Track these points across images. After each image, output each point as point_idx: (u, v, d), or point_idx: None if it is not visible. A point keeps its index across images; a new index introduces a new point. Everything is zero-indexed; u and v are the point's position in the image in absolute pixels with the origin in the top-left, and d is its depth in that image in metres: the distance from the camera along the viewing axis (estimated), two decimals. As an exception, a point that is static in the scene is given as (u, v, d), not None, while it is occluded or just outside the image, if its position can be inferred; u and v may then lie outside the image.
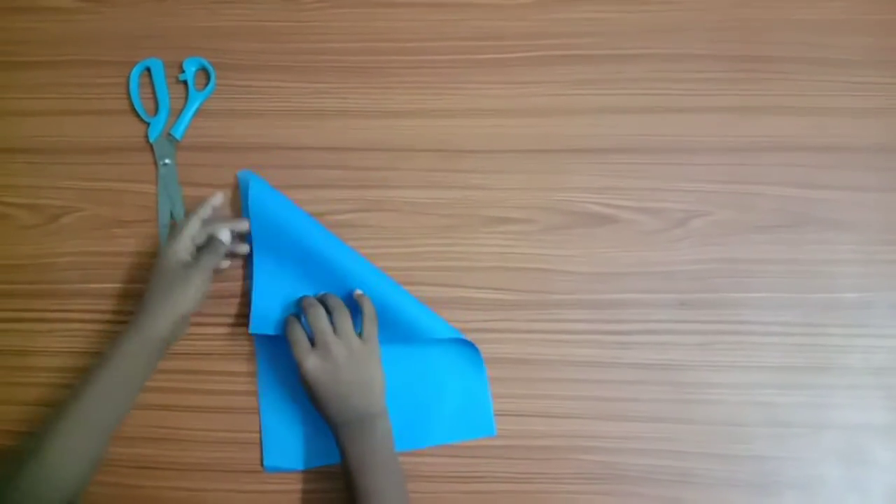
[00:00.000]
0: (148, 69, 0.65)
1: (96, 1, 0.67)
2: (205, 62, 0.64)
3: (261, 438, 0.57)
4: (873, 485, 0.55)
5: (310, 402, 0.54)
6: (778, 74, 0.63)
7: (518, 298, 0.59)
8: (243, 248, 0.58)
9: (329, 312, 0.55)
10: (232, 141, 0.63)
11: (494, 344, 0.58)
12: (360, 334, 0.54)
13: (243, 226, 0.58)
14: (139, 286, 0.57)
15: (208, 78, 0.64)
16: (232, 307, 0.59)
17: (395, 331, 0.57)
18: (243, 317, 0.59)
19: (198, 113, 0.64)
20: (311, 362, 0.52)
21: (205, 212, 0.58)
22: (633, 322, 0.58)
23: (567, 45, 0.64)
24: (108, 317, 0.59)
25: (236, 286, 0.60)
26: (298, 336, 0.54)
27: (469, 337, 0.58)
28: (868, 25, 0.65)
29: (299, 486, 0.56)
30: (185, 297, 0.53)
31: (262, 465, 0.56)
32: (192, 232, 0.56)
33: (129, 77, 0.64)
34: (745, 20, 0.65)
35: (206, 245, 0.57)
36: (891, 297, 0.59)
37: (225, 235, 0.57)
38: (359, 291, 0.56)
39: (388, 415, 0.54)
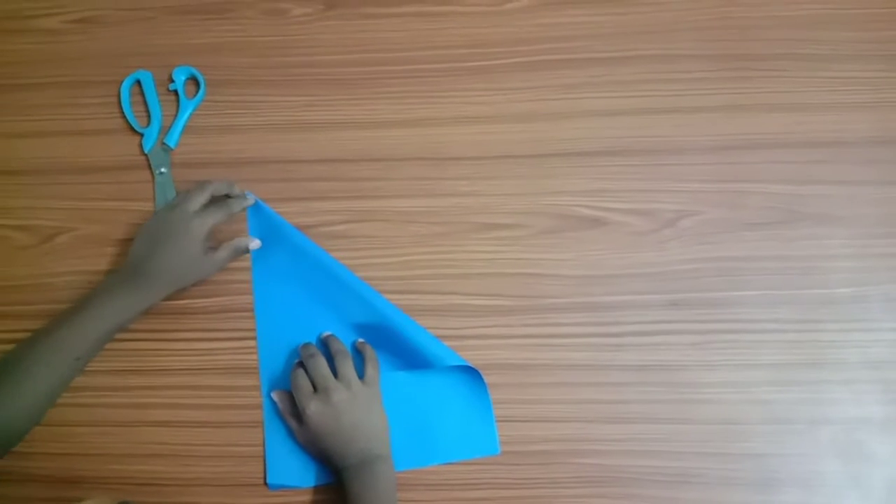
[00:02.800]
0: (138, 82, 0.65)
1: (85, 21, 0.67)
2: (194, 70, 0.65)
3: (264, 454, 0.57)
4: (872, 479, 0.55)
5: (313, 455, 0.55)
6: (766, 72, 0.64)
7: (511, 304, 0.59)
8: (254, 243, 0.59)
9: (331, 357, 0.56)
10: (223, 156, 0.63)
11: (489, 350, 0.58)
12: (362, 379, 0.56)
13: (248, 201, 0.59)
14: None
15: (198, 87, 0.65)
16: (233, 322, 0.60)
17: (401, 358, 0.58)
18: (244, 331, 0.59)
19: (187, 130, 0.64)
20: (314, 407, 0.54)
21: (218, 188, 0.59)
22: (627, 324, 0.58)
23: (554, 49, 0.65)
24: (105, 335, 0.60)
25: (238, 301, 0.60)
26: (301, 382, 0.55)
27: (464, 343, 0.58)
28: (854, 20, 0.65)
29: (301, 499, 0.56)
30: (179, 243, 0.55)
31: (263, 479, 0.56)
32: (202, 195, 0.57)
33: (119, 90, 0.65)
34: (732, 19, 0.65)
35: (216, 203, 0.58)
36: (885, 291, 0.59)
37: (235, 195, 0.59)
38: (361, 341, 0.58)
39: (391, 458, 0.54)
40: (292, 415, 0.56)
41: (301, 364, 0.57)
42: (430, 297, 0.60)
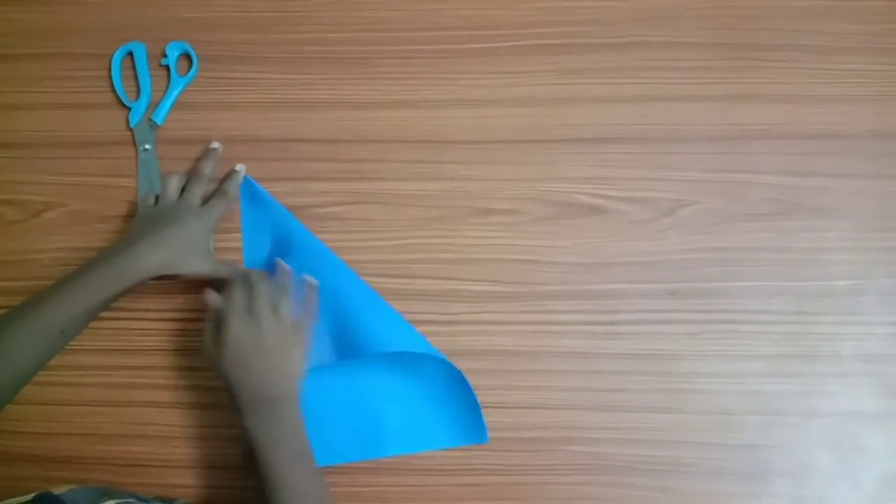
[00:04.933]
0: (130, 54, 0.64)
1: (78, -8, 0.66)
2: (187, 47, 0.63)
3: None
4: (864, 472, 0.55)
5: (218, 370, 0.53)
6: (768, 62, 0.63)
7: (507, 290, 0.59)
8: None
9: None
10: (215, 133, 0.62)
11: (484, 336, 0.58)
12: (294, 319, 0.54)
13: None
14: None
15: (191, 64, 0.63)
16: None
17: (378, 343, 0.56)
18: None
19: (181, 105, 0.63)
20: (238, 322, 0.52)
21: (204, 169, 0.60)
22: (623, 312, 0.58)
23: (555, 34, 0.64)
24: (93, 313, 0.59)
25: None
26: (237, 295, 0.53)
27: (458, 329, 0.58)
28: (859, 12, 0.64)
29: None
30: (183, 232, 0.55)
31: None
32: (178, 177, 0.59)
33: (111, 61, 0.63)
34: (735, 8, 0.64)
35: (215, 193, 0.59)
36: (882, 285, 0.59)
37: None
38: (309, 279, 0.56)
39: (300, 405, 0.52)
40: (214, 324, 0.53)
41: (245, 280, 0.55)
42: (425, 282, 0.59)
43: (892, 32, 0.63)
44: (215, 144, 0.61)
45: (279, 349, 0.52)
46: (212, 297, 0.54)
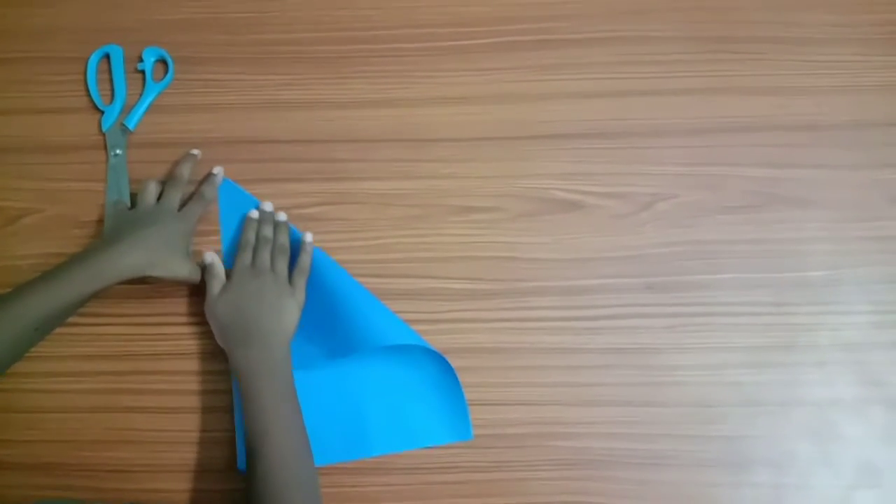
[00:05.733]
0: (107, 56, 0.63)
1: (50, -5, 0.65)
2: (164, 52, 0.63)
3: (235, 439, 0.56)
4: (843, 459, 0.56)
5: (215, 314, 0.55)
6: (744, 55, 0.63)
7: (488, 287, 0.59)
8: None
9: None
10: (192, 136, 0.62)
11: (466, 334, 0.58)
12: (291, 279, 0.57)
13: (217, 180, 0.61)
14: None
15: (166, 70, 0.63)
16: (201, 305, 0.58)
17: (367, 338, 0.56)
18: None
19: (156, 108, 0.63)
20: (240, 274, 0.56)
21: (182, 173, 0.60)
22: (603, 307, 0.58)
23: (532, 30, 0.64)
24: (74, 319, 0.58)
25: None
26: (243, 255, 0.57)
27: (440, 327, 0.58)
28: (834, 4, 0.65)
29: (272, 483, 0.56)
30: (162, 234, 0.55)
31: (235, 463, 0.56)
32: (155, 182, 0.59)
33: (86, 63, 0.63)
34: (711, 1, 0.64)
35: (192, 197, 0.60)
36: (859, 274, 0.59)
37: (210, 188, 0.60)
38: (309, 237, 0.59)
39: (291, 357, 0.55)
40: (217, 276, 0.57)
41: (252, 227, 0.59)
42: (405, 281, 0.59)
43: (867, 23, 0.64)
44: (195, 151, 0.61)
45: (275, 298, 0.55)
46: (210, 254, 0.58)
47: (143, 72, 0.63)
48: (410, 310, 0.58)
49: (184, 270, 0.56)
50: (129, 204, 0.60)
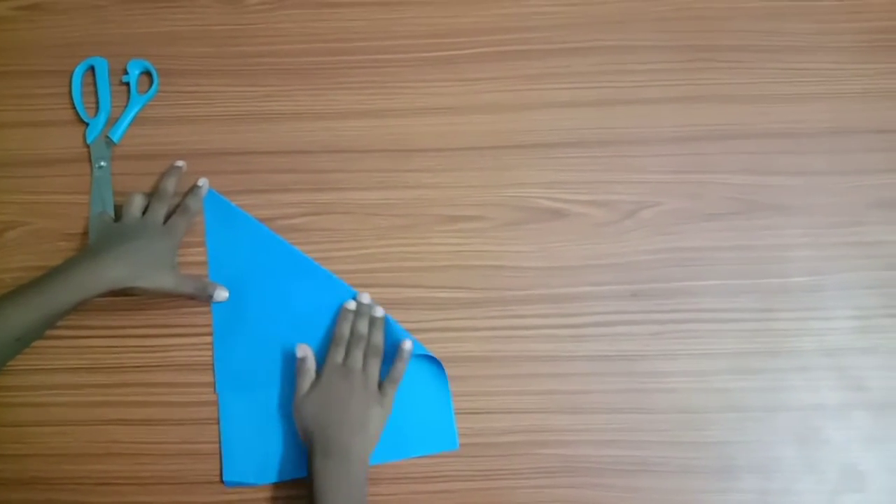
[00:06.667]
0: (92, 68, 0.63)
1: (33, 9, 0.65)
2: (149, 65, 0.63)
3: (220, 451, 0.56)
4: (828, 464, 0.56)
5: (303, 421, 0.54)
6: (724, 63, 0.64)
7: (474, 296, 0.59)
8: (221, 295, 0.57)
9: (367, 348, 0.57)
10: (177, 147, 0.62)
11: (453, 343, 0.58)
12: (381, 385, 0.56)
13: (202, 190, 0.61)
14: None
15: (151, 82, 0.63)
16: (188, 317, 0.59)
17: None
18: (200, 327, 0.58)
19: (141, 120, 0.63)
20: (330, 374, 0.55)
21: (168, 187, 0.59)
22: (588, 315, 0.59)
23: (515, 40, 0.64)
24: (60, 332, 0.58)
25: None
26: (335, 352, 0.56)
27: (426, 336, 0.58)
28: (812, 12, 0.65)
29: (257, 496, 0.55)
30: (149, 246, 0.55)
31: (219, 476, 0.56)
32: (141, 195, 0.59)
33: (71, 76, 0.63)
34: (690, 10, 0.65)
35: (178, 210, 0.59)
36: (841, 280, 0.60)
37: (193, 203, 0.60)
38: (408, 345, 0.56)
39: (368, 466, 0.53)
40: (307, 373, 0.55)
41: (348, 320, 0.57)
42: (392, 291, 0.59)
43: (845, 31, 0.65)
44: (180, 163, 0.61)
45: (361, 407, 0.54)
46: (303, 348, 0.56)
47: (127, 84, 0.63)
48: (397, 319, 0.58)
49: (168, 283, 0.56)
50: (113, 216, 0.60)
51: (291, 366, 0.57)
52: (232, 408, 0.57)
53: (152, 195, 0.60)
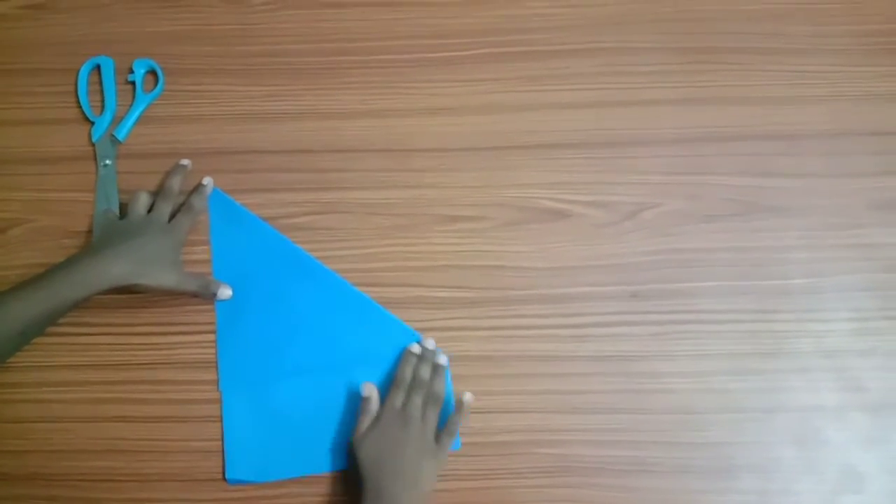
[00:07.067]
0: (98, 67, 0.64)
1: (36, 7, 0.66)
2: (154, 64, 0.64)
3: (223, 449, 0.56)
4: (827, 465, 0.56)
5: (358, 455, 0.53)
6: (723, 65, 0.64)
7: (475, 296, 0.59)
8: (225, 293, 0.58)
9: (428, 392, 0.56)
10: (181, 146, 0.62)
11: (453, 342, 0.58)
12: (439, 432, 0.55)
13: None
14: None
15: (157, 81, 0.63)
16: (192, 315, 0.59)
17: (365, 348, 0.58)
18: (203, 325, 0.59)
19: (146, 119, 0.63)
20: (389, 418, 0.54)
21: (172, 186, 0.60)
22: (588, 315, 0.59)
23: (516, 41, 0.65)
24: (63, 328, 0.58)
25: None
26: (396, 396, 0.55)
27: (427, 335, 0.58)
28: (811, 15, 0.66)
29: (259, 494, 0.56)
30: (152, 243, 0.56)
31: (222, 474, 0.56)
32: (146, 193, 0.60)
33: (77, 74, 0.63)
34: (690, 12, 0.66)
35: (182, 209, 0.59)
36: (840, 281, 0.60)
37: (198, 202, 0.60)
38: (468, 397, 0.56)
39: None
40: (369, 413, 0.55)
41: (410, 364, 0.56)
42: (393, 290, 0.59)
43: (843, 34, 0.65)
44: (185, 161, 0.61)
45: (416, 456, 0.53)
46: (369, 387, 0.55)
47: (133, 83, 0.63)
48: (398, 318, 0.58)
49: (171, 280, 0.56)
50: (118, 213, 0.60)
51: (293, 365, 0.57)
52: (235, 405, 0.57)
53: (157, 193, 0.60)
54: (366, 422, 0.54)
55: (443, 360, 0.57)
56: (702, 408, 0.57)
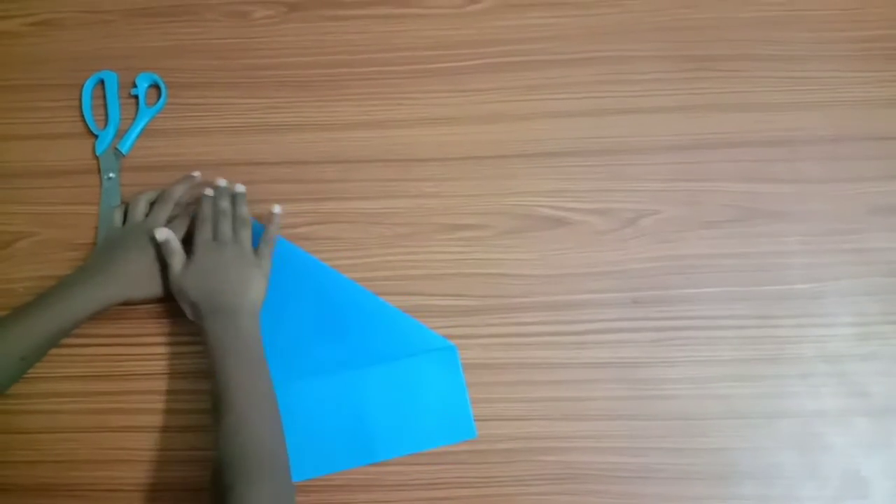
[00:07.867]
0: (101, 82, 0.65)
1: (44, 24, 0.67)
2: (157, 78, 0.64)
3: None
4: (829, 470, 0.56)
5: (182, 290, 0.55)
6: (722, 72, 0.65)
7: (476, 304, 0.60)
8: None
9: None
10: (183, 159, 0.63)
11: (454, 350, 0.59)
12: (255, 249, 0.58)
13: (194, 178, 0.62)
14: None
15: (160, 95, 0.64)
16: (193, 326, 0.58)
17: (379, 345, 0.58)
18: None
19: (149, 132, 0.64)
20: (203, 247, 0.56)
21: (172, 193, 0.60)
22: (589, 322, 0.59)
23: (515, 51, 0.65)
24: (70, 340, 0.58)
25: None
26: (204, 228, 0.57)
27: (428, 344, 0.59)
28: (809, 21, 0.66)
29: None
30: (147, 254, 0.56)
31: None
32: (147, 197, 0.60)
33: (81, 89, 0.64)
34: (687, 20, 0.66)
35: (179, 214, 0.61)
36: (840, 286, 0.60)
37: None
38: (277, 208, 0.59)
39: (260, 325, 0.55)
40: (176, 252, 0.56)
41: (208, 202, 0.58)
42: (394, 299, 0.60)
43: (841, 40, 0.65)
44: (196, 173, 0.62)
45: (239, 269, 0.56)
46: (162, 231, 0.57)
47: (136, 97, 0.64)
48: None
49: (157, 289, 0.57)
50: (122, 220, 0.61)
51: (294, 370, 0.58)
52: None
53: (157, 199, 0.61)
54: (176, 260, 0.56)
55: (240, 188, 0.60)
56: (703, 414, 0.57)
